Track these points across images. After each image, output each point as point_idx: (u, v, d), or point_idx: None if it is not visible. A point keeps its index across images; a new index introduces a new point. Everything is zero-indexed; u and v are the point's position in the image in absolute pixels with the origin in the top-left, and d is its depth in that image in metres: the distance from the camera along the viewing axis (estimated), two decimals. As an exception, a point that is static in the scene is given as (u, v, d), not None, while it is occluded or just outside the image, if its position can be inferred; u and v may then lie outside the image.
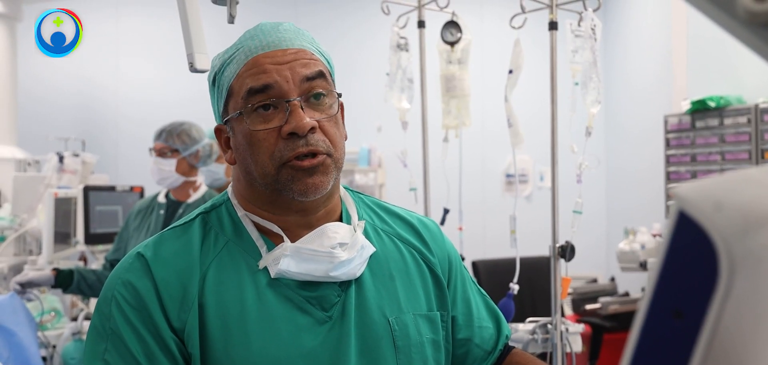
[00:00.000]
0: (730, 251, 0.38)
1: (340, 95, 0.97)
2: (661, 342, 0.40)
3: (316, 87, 0.92)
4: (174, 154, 2.58)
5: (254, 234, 0.95)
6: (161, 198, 2.65)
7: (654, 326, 0.41)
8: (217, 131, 1.00)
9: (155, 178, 2.62)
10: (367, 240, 0.99)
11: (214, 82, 0.97)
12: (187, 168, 2.61)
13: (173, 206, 2.61)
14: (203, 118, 2.98)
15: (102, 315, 0.90)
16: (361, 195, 1.08)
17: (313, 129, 0.90)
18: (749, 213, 0.38)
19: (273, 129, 0.90)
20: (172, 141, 2.59)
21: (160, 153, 2.58)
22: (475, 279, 1.15)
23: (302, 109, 0.90)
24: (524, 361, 1.08)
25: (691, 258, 0.39)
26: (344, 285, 0.96)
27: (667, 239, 0.40)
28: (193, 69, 1.29)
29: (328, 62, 0.98)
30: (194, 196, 2.62)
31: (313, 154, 0.91)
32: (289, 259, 0.92)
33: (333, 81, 0.98)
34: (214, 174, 2.87)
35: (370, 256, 0.98)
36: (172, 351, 0.88)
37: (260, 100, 0.90)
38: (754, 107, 3.63)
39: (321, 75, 0.93)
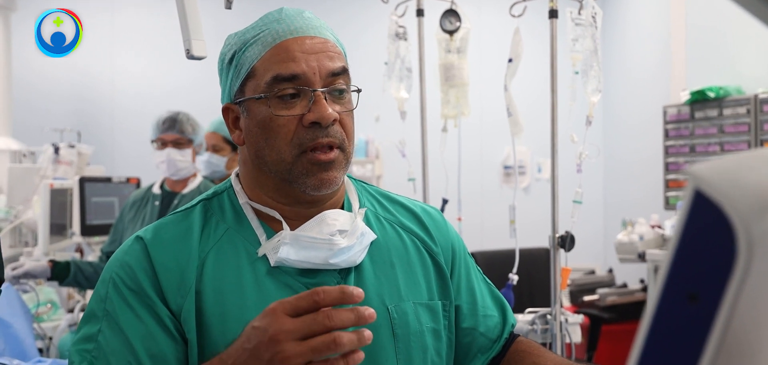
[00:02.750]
0: (749, 231, 0.36)
1: (359, 91, 0.98)
2: (675, 325, 0.39)
3: (340, 82, 0.94)
4: (189, 144, 2.53)
5: (254, 221, 0.95)
6: (156, 189, 2.62)
7: (668, 309, 0.39)
8: (226, 110, 0.99)
9: (169, 171, 2.54)
10: (368, 227, 0.98)
11: (231, 60, 0.96)
12: (194, 157, 2.58)
13: (169, 197, 2.58)
14: (199, 108, 2.96)
15: (98, 298, 0.90)
16: (364, 184, 1.08)
17: (334, 120, 0.92)
18: (768, 192, 0.37)
19: (295, 116, 0.91)
20: (186, 131, 2.53)
21: (176, 144, 2.52)
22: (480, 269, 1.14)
23: (326, 100, 0.91)
24: (529, 349, 1.07)
25: (707, 239, 0.38)
26: (344, 272, 0.95)
27: (682, 219, 0.39)
28: (190, 56, 1.28)
29: (345, 54, 0.99)
30: (190, 187, 2.59)
31: (330, 147, 0.92)
32: (289, 247, 0.92)
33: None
34: (214, 165, 2.85)
35: (371, 243, 0.98)
36: (170, 331, 0.88)
37: (286, 88, 0.91)
38: (753, 97, 3.63)
39: (344, 71, 0.95)
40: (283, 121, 0.91)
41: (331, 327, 0.74)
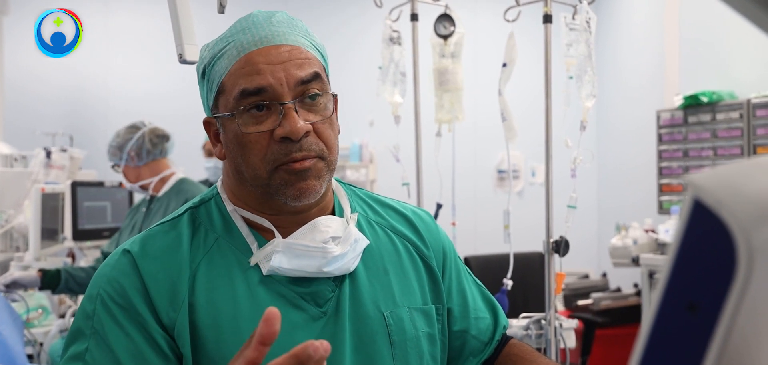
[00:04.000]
0: (749, 241, 0.36)
1: (335, 95, 0.94)
2: (674, 336, 0.38)
3: (311, 89, 0.89)
4: (117, 167, 2.66)
5: (244, 230, 0.93)
6: (146, 196, 2.68)
7: (666, 320, 0.39)
8: (206, 124, 0.97)
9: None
10: (361, 233, 0.97)
11: (203, 74, 0.94)
12: (136, 172, 2.63)
13: (151, 202, 2.64)
14: (192, 111, 2.93)
15: (85, 315, 0.87)
16: (354, 188, 1.06)
17: (306, 133, 0.88)
18: (768, 201, 0.36)
19: (265, 132, 0.88)
20: (110, 159, 2.67)
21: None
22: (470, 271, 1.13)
23: (296, 111, 0.88)
24: (522, 353, 1.06)
25: (706, 249, 0.37)
26: (338, 279, 0.94)
27: (681, 229, 0.38)
28: (182, 60, 1.27)
29: (323, 55, 0.96)
30: (163, 190, 2.62)
31: (306, 157, 0.88)
32: (281, 255, 0.90)
33: (327, 76, 0.95)
34: (220, 171, 2.90)
35: (364, 249, 0.96)
36: (162, 348, 0.85)
37: (253, 102, 0.88)
38: (746, 102, 3.64)
39: (316, 76, 0.90)
40: (254, 138, 0.88)
41: None
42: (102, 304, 0.86)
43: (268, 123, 0.88)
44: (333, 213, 0.98)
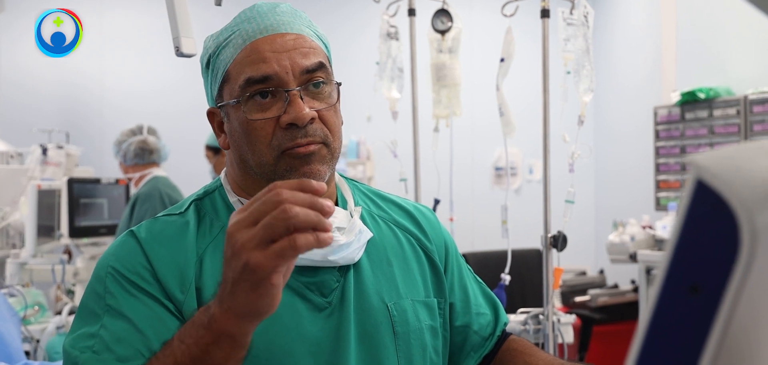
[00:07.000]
0: (752, 221, 0.35)
1: (339, 84, 0.95)
2: (677, 319, 0.38)
3: (316, 77, 0.91)
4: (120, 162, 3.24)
5: None
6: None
7: (669, 303, 0.38)
8: (210, 114, 0.97)
9: None
10: (365, 226, 0.97)
11: (207, 64, 0.95)
12: (125, 168, 3.20)
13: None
14: (188, 107, 2.95)
15: (95, 295, 0.86)
16: (356, 183, 1.07)
17: (312, 119, 0.89)
18: (772, 182, 0.36)
19: (271, 119, 0.88)
20: (113, 149, 3.26)
21: None
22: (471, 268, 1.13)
23: (301, 98, 0.89)
24: (522, 348, 1.06)
25: (709, 230, 0.37)
26: (343, 270, 0.94)
27: (683, 210, 0.38)
28: (179, 53, 1.26)
29: (326, 46, 0.96)
30: (139, 186, 3.08)
31: (310, 143, 0.89)
32: None
33: (331, 66, 0.96)
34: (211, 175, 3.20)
35: (368, 242, 0.97)
36: (175, 315, 0.85)
37: (259, 89, 0.88)
38: (743, 98, 3.64)
39: (321, 66, 0.91)
40: (260, 125, 0.89)
41: (281, 202, 0.68)
42: (113, 280, 0.86)
43: (273, 110, 0.89)
44: (336, 205, 0.98)
